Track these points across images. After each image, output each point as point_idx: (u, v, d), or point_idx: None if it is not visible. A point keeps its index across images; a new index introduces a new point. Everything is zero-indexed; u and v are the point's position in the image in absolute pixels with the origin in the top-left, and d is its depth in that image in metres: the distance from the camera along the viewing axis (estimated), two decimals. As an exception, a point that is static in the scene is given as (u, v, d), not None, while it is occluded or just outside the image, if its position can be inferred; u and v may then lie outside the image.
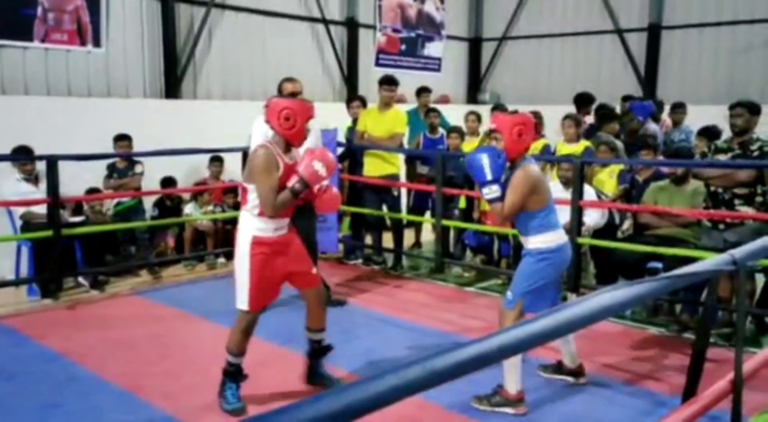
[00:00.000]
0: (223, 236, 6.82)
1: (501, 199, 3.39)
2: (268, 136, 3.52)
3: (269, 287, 3.48)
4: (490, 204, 3.47)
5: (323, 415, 0.91)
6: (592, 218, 5.42)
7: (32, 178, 5.64)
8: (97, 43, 7.38)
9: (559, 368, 3.89)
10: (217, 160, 7.02)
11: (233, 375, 3.53)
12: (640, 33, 10.82)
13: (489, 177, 3.37)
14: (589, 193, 5.46)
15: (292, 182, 3.27)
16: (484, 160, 3.38)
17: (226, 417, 3.37)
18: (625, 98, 8.28)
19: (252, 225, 3.35)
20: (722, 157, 4.83)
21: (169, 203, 6.81)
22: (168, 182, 6.83)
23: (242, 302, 3.42)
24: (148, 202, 6.74)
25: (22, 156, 5.54)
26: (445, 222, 6.29)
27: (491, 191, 3.39)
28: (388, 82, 6.60)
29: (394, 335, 4.67)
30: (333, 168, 3.37)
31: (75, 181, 5.99)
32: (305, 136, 3.42)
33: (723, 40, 10.12)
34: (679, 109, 7.72)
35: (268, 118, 3.38)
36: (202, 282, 6.06)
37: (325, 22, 9.85)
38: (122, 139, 6.38)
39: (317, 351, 3.80)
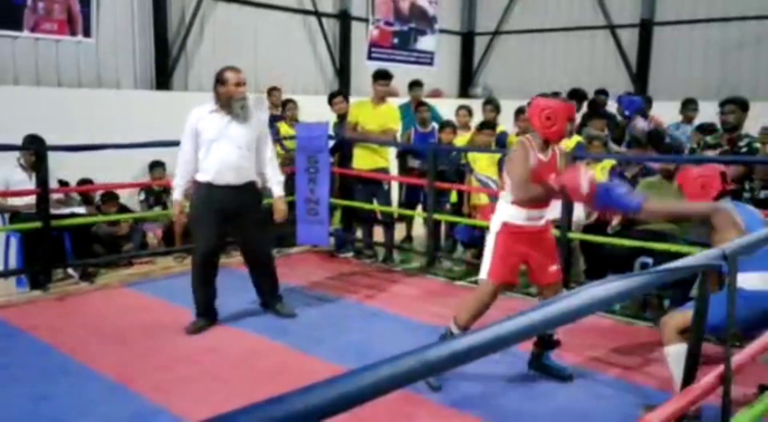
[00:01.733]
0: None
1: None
2: (198, 130, 4.17)
3: (507, 266, 3.57)
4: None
5: (315, 406, 0.92)
6: (575, 213, 5.43)
7: (29, 168, 5.60)
8: (87, 33, 7.34)
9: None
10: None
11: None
12: (632, 29, 10.86)
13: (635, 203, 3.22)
14: None
15: (553, 181, 3.35)
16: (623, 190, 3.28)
17: (217, 409, 3.37)
18: (599, 92, 8.22)
19: (505, 211, 3.56)
20: (711, 153, 4.87)
21: (157, 188, 6.80)
22: (156, 164, 6.84)
23: (483, 271, 3.60)
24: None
25: (11, 145, 5.50)
26: (436, 216, 6.30)
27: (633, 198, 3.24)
28: (383, 76, 6.60)
29: (385, 328, 4.68)
30: (594, 188, 3.24)
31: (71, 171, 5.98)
32: (565, 135, 3.52)
33: (714, 37, 10.17)
34: (688, 105, 7.66)
35: (529, 115, 3.49)
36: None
37: (318, 14, 9.82)
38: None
39: (547, 343, 3.78)
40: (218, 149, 4.28)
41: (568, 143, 6.05)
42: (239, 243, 4.71)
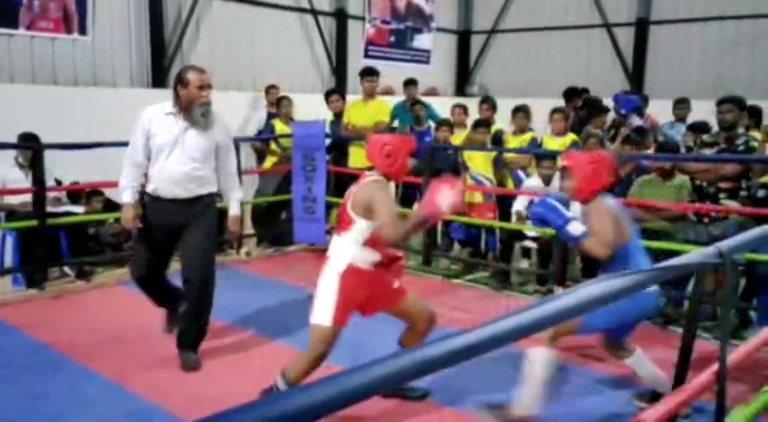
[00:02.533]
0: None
1: (587, 234, 3.05)
2: (150, 132, 3.70)
3: (352, 307, 3.32)
4: (582, 244, 3.08)
5: (315, 403, 0.92)
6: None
7: (26, 166, 5.58)
8: (83, 31, 7.32)
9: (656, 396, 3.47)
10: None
11: None
12: (628, 27, 10.88)
13: (568, 215, 3.10)
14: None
15: (417, 213, 3.22)
16: (552, 202, 3.15)
17: (213, 408, 3.37)
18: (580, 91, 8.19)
19: (350, 253, 3.22)
20: (708, 152, 4.88)
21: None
22: None
23: (323, 317, 3.24)
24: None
25: (6, 144, 5.48)
26: (433, 214, 6.29)
27: (576, 228, 3.06)
28: (368, 73, 6.67)
29: (382, 327, 4.66)
30: (457, 207, 3.12)
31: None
32: (405, 171, 3.39)
33: (710, 36, 10.19)
34: (680, 104, 7.68)
35: (369, 153, 3.27)
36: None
37: (314, 12, 9.81)
38: None
39: None
40: (167, 159, 3.72)
41: (564, 141, 6.06)
42: (180, 257, 3.94)
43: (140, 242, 3.97)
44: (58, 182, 6.02)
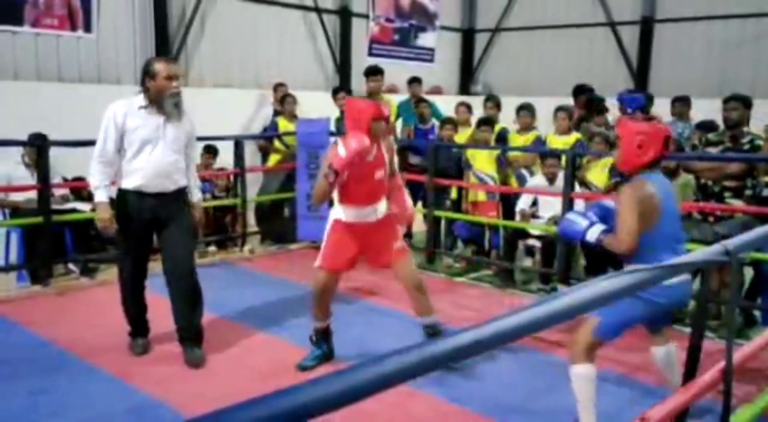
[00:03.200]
0: (215, 223, 6.81)
1: (610, 231, 2.95)
2: (126, 127, 3.66)
3: (339, 254, 3.74)
4: (605, 245, 2.95)
5: (320, 399, 0.91)
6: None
7: (32, 166, 5.58)
8: (87, 28, 7.33)
9: None
10: (209, 151, 6.96)
11: (319, 335, 3.92)
12: (633, 26, 10.84)
13: (585, 223, 3.02)
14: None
15: (324, 170, 3.49)
16: (571, 216, 3.14)
17: (216, 403, 3.37)
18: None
19: (336, 210, 3.77)
20: (713, 150, 4.86)
21: None
22: None
23: (317, 260, 3.76)
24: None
25: (10, 141, 5.48)
26: (436, 212, 6.29)
27: (593, 234, 2.98)
28: (374, 72, 6.65)
29: (386, 324, 4.68)
30: (356, 149, 3.42)
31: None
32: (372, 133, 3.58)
33: (715, 35, 10.16)
34: (678, 102, 7.64)
35: (347, 118, 3.59)
36: (193, 271, 6.02)
37: (318, 10, 9.81)
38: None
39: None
40: (152, 152, 3.68)
41: (567, 140, 6.05)
42: (162, 254, 3.91)
43: (126, 239, 3.87)
44: (65, 181, 6.03)
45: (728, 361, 1.90)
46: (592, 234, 2.96)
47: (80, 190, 6.17)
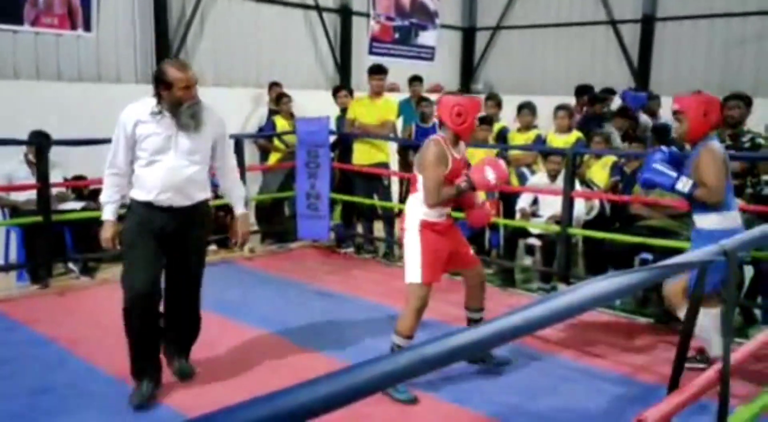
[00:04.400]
0: (215, 223, 6.80)
1: (696, 185, 3.41)
2: (137, 136, 3.31)
3: (438, 263, 3.59)
4: (697, 195, 3.42)
5: (319, 399, 0.92)
6: (575, 210, 5.42)
7: (35, 164, 5.57)
8: (87, 27, 7.32)
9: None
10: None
11: None
12: (634, 24, 10.83)
13: (674, 175, 3.43)
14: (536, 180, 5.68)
15: (460, 181, 3.52)
16: (658, 166, 3.49)
17: (217, 403, 3.37)
18: (605, 91, 8.15)
19: (420, 210, 3.59)
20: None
21: None
22: None
23: (414, 276, 3.55)
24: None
25: (10, 140, 5.47)
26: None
27: (685, 185, 3.40)
28: (377, 71, 6.62)
29: (386, 324, 4.68)
30: (504, 179, 3.59)
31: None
32: (474, 131, 3.69)
33: (716, 33, 10.14)
34: (652, 100, 7.64)
35: (440, 113, 3.59)
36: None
37: (319, 9, 9.80)
38: None
39: None
40: (164, 163, 3.32)
41: (568, 139, 6.05)
42: (165, 276, 3.53)
43: (133, 255, 3.35)
44: (66, 180, 6.04)
45: (725, 361, 1.90)
46: (685, 186, 3.38)
47: (81, 189, 6.18)
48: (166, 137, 3.32)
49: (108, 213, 3.44)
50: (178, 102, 3.30)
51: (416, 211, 3.59)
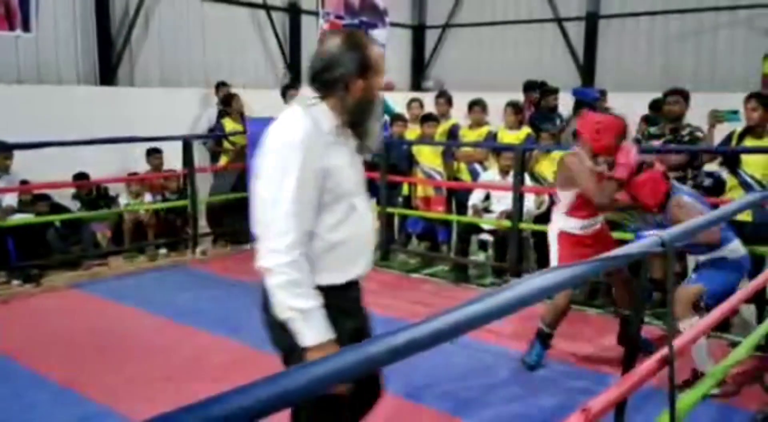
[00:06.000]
0: (165, 226, 6.69)
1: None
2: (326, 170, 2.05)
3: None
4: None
5: (288, 390, 0.91)
6: (525, 204, 5.49)
7: None
8: (26, 27, 7.10)
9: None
10: (156, 152, 6.83)
11: (544, 338, 3.93)
12: (579, 22, 11.05)
13: None
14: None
15: (616, 173, 3.61)
16: None
17: (168, 408, 3.32)
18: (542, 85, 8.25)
19: (562, 223, 3.85)
20: (655, 143, 4.99)
21: (85, 197, 6.55)
22: (80, 177, 6.47)
23: None
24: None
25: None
26: (389, 209, 6.31)
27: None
28: None
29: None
30: (636, 158, 3.67)
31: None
32: (611, 153, 3.70)
33: (656, 30, 10.42)
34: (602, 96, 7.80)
35: (580, 129, 3.80)
36: (143, 274, 5.92)
37: (267, 8, 9.71)
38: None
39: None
40: (360, 212, 2.08)
41: (518, 135, 6.13)
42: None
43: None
44: (23, 182, 5.90)
45: (670, 347, 1.95)
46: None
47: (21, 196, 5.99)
48: (356, 167, 2.12)
49: (321, 327, 1.93)
50: (370, 103, 2.08)
51: (556, 221, 3.90)
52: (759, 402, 3.35)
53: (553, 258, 3.90)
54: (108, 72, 7.85)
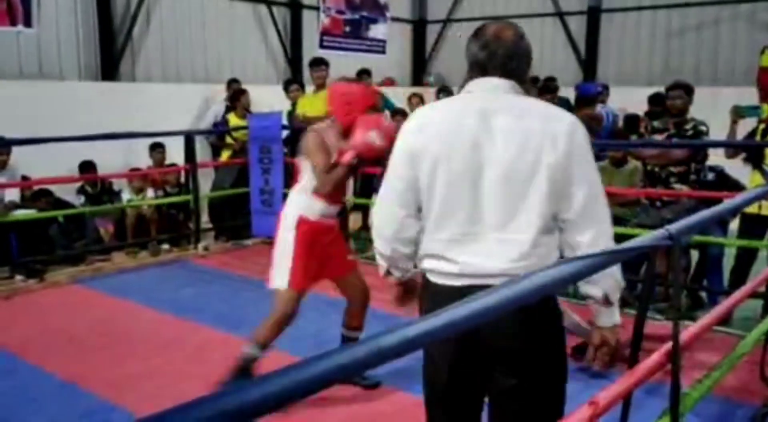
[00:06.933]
0: (168, 221, 6.69)
1: None
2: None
3: (313, 266, 3.23)
4: None
5: (274, 394, 0.90)
6: None
7: None
8: (28, 22, 7.09)
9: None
10: (158, 147, 6.83)
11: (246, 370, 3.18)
12: (581, 16, 11.02)
13: None
14: None
15: (346, 156, 3.07)
16: None
17: (170, 403, 3.32)
18: (549, 79, 8.28)
19: (303, 205, 3.22)
20: (658, 137, 4.98)
21: (91, 190, 6.56)
22: (86, 166, 6.54)
23: (282, 281, 3.19)
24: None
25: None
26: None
27: None
28: (316, 63, 6.65)
29: (342, 317, 4.67)
30: (390, 137, 2.94)
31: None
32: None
33: (658, 24, 10.40)
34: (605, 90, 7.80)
35: (329, 102, 3.26)
36: (145, 270, 5.92)
37: (268, 3, 9.69)
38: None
39: None
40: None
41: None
42: None
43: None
44: (25, 178, 5.90)
45: (675, 341, 1.95)
46: None
47: (24, 191, 6.00)
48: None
49: None
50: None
51: (296, 203, 3.23)
52: (762, 397, 3.35)
53: (285, 256, 3.19)
54: (110, 67, 7.84)
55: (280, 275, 3.19)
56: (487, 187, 1.75)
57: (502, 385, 1.84)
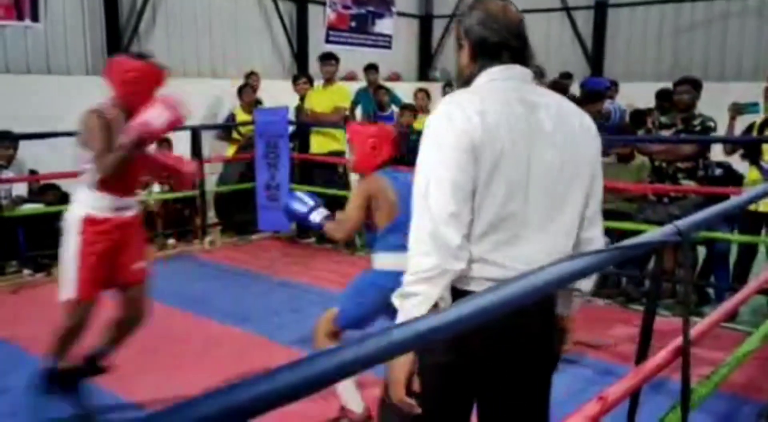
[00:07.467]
0: (174, 216, 6.71)
1: (329, 217, 3.12)
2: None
3: (102, 271, 2.92)
4: (326, 229, 3.11)
5: (279, 389, 0.90)
6: None
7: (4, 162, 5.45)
8: (35, 17, 7.09)
9: None
10: (165, 142, 6.83)
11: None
12: (588, 11, 10.97)
13: (309, 204, 3.14)
14: None
15: (122, 138, 2.74)
16: (298, 194, 3.26)
17: (178, 398, 3.33)
18: (564, 76, 8.29)
19: (86, 202, 2.87)
20: (666, 133, 4.96)
21: None
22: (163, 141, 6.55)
23: (68, 290, 2.91)
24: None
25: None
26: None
27: (316, 216, 3.10)
28: (326, 58, 6.64)
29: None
30: (176, 121, 2.84)
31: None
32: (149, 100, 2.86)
33: (667, 19, 10.34)
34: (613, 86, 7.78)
35: (107, 77, 2.94)
36: (152, 264, 5.92)
37: (274, -3, 9.68)
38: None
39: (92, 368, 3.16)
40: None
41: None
42: None
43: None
44: (32, 172, 5.92)
45: (685, 337, 1.94)
46: (315, 217, 3.12)
47: (31, 186, 6.01)
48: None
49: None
50: None
51: (82, 202, 2.88)
52: (770, 393, 3.34)
53: (69, 263, 2.86)
54: (116, 62, 7.85)
55: (65, 285, 2.89)
56: (534, 186, 1.62)
57: (498, 386, 1.78)
